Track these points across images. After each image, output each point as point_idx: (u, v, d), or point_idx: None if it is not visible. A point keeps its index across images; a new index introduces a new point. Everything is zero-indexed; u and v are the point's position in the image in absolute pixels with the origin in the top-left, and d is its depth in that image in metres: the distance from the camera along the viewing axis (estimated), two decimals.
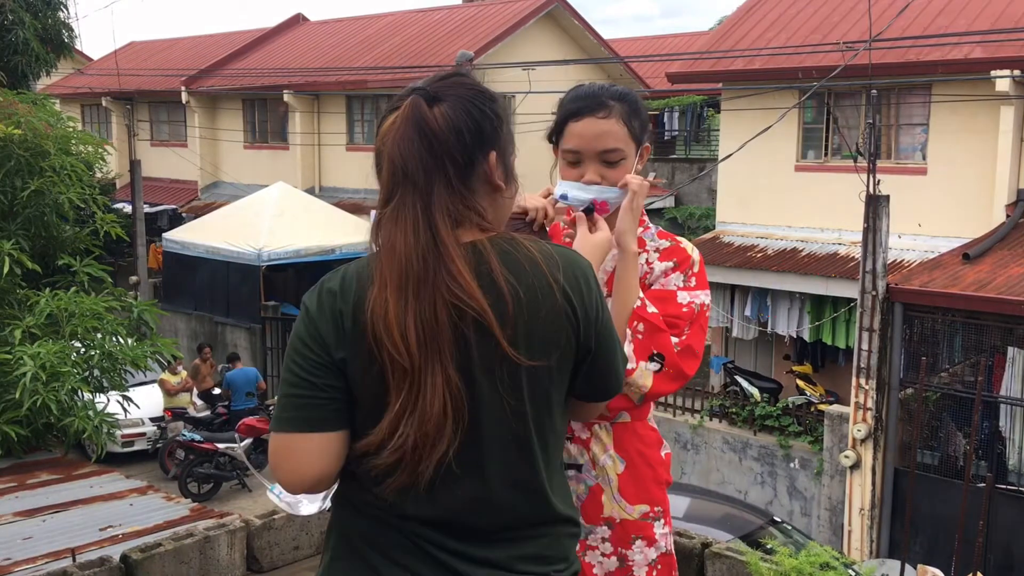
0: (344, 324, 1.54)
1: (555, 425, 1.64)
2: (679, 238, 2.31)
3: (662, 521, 2.27)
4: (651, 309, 2.14)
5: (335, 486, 1.69)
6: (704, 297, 2.23)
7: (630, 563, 2.23)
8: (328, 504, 2.19)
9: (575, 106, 2.21)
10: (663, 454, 2.32)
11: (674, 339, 2.13)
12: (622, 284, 2.13)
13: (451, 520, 1.58)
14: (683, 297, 2.19)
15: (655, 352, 2.11)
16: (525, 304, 1.53)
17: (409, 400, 1.49)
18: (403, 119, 1.57)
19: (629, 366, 2.07)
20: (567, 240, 2.24)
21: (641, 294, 2.14)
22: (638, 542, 2.23)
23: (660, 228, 2.33)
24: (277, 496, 3.35)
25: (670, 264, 2.23)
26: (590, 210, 2.13)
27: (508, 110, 1.68)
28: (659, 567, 2.26)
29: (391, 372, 1.51)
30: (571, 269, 1.61)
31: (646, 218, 2.31)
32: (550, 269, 1.56)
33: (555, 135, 2.25)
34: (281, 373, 1.67)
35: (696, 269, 2.24)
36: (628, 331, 2.10)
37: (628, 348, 2.09)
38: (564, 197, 2.17)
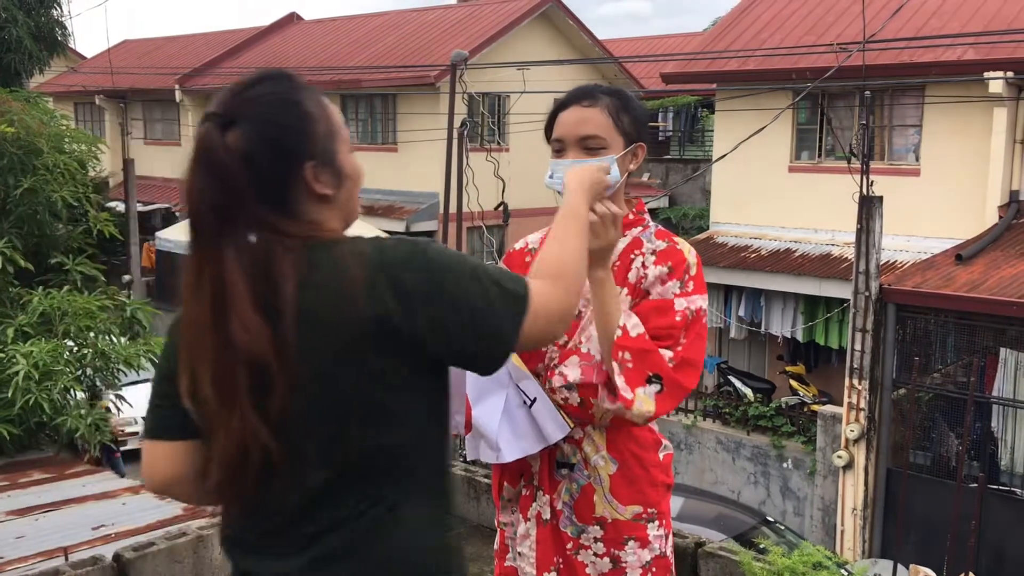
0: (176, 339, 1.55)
1: (402, 431, 1.49)
2: (676, 239, 2.23)
3: (657, 523, 2.23)
4: (634, 333, 2.06)
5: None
6: (701, 302, 2.15)
7: (623, 564, 2.21)
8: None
9: (564, 99, 2.25)
10: (661, 456, 2.27)
11: (668, 352, 2.06)
12: (600, 314, 2.08)
13: None
14: (679, 304, 2.12)
15: (651, 374, 2.05)
16: (317, 319, 1.41)
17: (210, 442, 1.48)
18: (193, 156, 1.43)
19: (626, 396, 2.03)
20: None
21: (621, 321, 2.06)
22: (631, 543, 2.20)
23: (659, 227, 2.27)
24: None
25: (665, 269, 2.15)
26: None
27: (324, 106, 1.53)
28: (654, 570, 2.23)
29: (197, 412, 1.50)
30: (391, 258, 1.44)
31: (647, 216, 2.28)
32: (356, 267, 1.41)
33: (547, 131, 2.26)
34: None
35: (693, 272, 2.16)
36: (616, 364, 2.05)
37: (620, 380, 2.04)
38: (551, 177, 2.16)
